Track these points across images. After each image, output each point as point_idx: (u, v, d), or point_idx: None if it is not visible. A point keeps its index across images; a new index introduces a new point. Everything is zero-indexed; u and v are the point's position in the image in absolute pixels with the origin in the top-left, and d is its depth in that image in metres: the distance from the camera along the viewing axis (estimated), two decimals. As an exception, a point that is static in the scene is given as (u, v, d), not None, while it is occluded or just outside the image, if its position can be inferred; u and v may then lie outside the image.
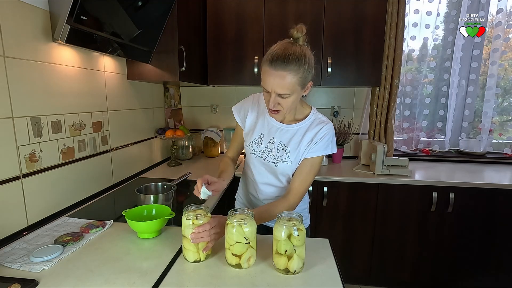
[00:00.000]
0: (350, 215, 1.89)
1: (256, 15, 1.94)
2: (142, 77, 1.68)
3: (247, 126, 1.13)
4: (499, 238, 1.80)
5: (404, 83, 2.23)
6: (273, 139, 1.06)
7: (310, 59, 0.91)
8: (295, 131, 1.04)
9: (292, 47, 0.89)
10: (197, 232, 0.81)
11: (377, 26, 1.90)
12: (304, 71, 0.89)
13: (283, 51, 0.88)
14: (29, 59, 1.04)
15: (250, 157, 1.13)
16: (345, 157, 2.29)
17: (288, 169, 1.05)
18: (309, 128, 1.03)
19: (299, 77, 0.88)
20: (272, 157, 1.06)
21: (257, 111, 1.11)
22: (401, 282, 1.97)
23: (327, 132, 1.01)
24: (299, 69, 0.87)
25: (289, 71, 0.87)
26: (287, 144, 1.04)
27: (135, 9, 1.34)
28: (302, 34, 0.91)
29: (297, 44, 0.91)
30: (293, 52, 0.88)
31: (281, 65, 0.87)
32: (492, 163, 2.19)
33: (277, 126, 1.06)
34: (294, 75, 0.87)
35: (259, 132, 1.09)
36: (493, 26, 2.10)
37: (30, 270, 0.79)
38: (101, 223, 1.08)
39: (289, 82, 0.88)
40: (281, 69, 0.87)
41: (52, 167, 1.17)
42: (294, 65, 0.87)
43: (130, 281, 0.76)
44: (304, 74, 0.89)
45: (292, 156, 1.03)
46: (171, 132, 1.99)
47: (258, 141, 1.09)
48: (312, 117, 1.05)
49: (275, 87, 0.89)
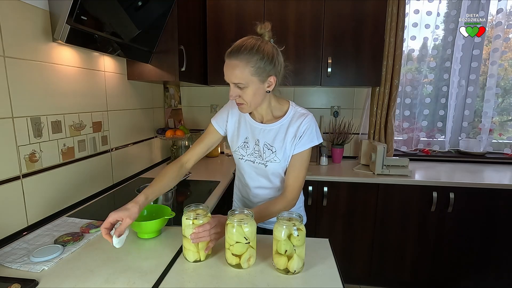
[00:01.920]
0: (350, 215, 1.89)
1: (256, 15, 1.94)
2: (142, 77, 1.68)
3: (230, 130, 1.12)
4: (499, 238, 1.80)
5: (404, 83, 2.23)
6: (257, 140, 1.06)
7: (266, 51, 0.91)
8: (277, 129, 1.04)
9: (248, 40, 0.91)
10: (197, 232, 0.81)
11: (377, 26, 1.90)
12: (256, 61, 0.89)
13: (239, 43, 0.91)
14: (29, 59, 1.04)
15: (239, 162, 1.13)
16: (345, 157, 2.29)
17: (278, 168, 1.05)
18: (290, 123, 1.03)
19: (251, 66, 0.89)
20: (260, 159, 1.06)
21: (237, 115, 1.11)
22: (401, 282, 1.97)
23: (309, 124, 1.01)
24: (250, 58, 0.89)
25: (240, 60, 0.89)
26: (272, 144, 1.04)
27: (135, 9, 1.34)
28: (265, 30, 0.94)
29: (257, 38, 0.92)
30: (247, 43, 0.90)
31: (233, 54, 0.90)
32: (492, 163, 2.19)
33: (259, 127, 1.06)
34: (245, 64, 0.89)
35: (244, 136, 1.09)
36: (493, 26, 2.10)
37: (30, 270, 0.79)
38: (101, 223, 1.07)
39: (240, 71, 0.89)
40: (234, 58, 0.90)
41: (52, 167, 1.17)
42: (245, 54, 0.89)
43: (130, 281, 0.76)
44: (257, 64, 0.89)
45: (279, 154, 1.03)
46: (171, 132, 1.99)
47: (244, 145, 1.08)
48: (292, 111, 1.05)
49: (229, 76, 0.92)
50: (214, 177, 1.75)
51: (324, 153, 2.11)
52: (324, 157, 2.11)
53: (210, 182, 1.66)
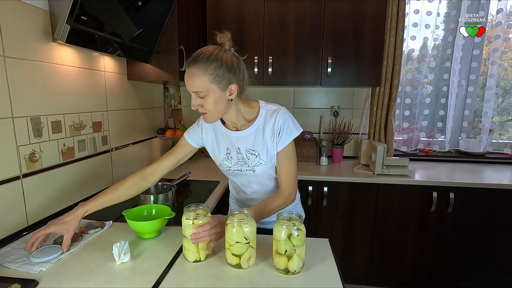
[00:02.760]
0: (350, 215, 1.89)
1: (256, 15, 1.94)
2: (142, 77, 1.69)
3: (209, 145, 1.10)
4: (499, 238, 1.80)
5: (404, 83, 2.23)
6: (238, 149, 1.05)
7: (224, 59, 0.90)
8: (254, 133, 1.02)
9: (207, 48, 0.91)
10: (197, 233, 0.81)
11: (377, 26, 1.90)
12: (214, 68, 0.88)
13: (197, 52, 0.91)
14: (29, 59, 1.04)
15: (227, 174, 1.12)
16: (345, 157, 2.29)
17: (267, 169, 1.05)
18: (265, 123, 1.02)
19: (209, 74, 0.88)
20: (246, 166, 1.05)
21: (212, 128, 1.09)
22: (401, 282, 1.97)
23: (284, 118, 1.00)
24: (208, 66, 0.88)
25: (198, 68, 0.88)
26: (253, 148, 1.03)
27: (135, 9, 1.34)
28: (225, 39, 0.93)
29: (215, 47, 0.92)
30: (205, 51, 0.90)
31: (192, 63, 0.89)
32: (492, 163, 2.19)
33: (236, 135, 1.04)
34: (203, 72, 0.88)
35: (225, 147, 1.07)
36: (493, 26, 2.10)
37: (30, 271, 0.79)
38: (101, 224, 1.08)
39: (198, 79, 0.88)
40: (192, 67, 0.89)
41: (52, 167, 1.17)
42: (203, 62, 0.88)
43: (130, 281, 0.76)
44: (215, 72, 0.88)
45: (263, 156, 1.02)
46: (171, 132, 1.99)
47: (227, 156, 1.07)
48: (263, 112, 1.03)
49: (188, 85, 0.91)
50: (214, 177, 1.75)
51: (324, 153, 2.11)
52: (324, 157, 2.11)
53: (210, 182, 1.66)
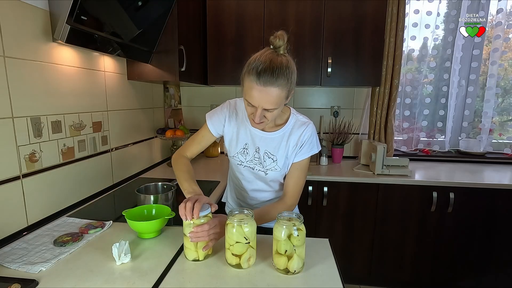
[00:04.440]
0: (350, 215, 1.89)
1: (256, 15, 1.94)
2: (142, 77, 1.68)
3: (228, 136, 1.07)
4: (499, 238, 1.80)
5: (404, 83, 2.23)
6: (258, 148, 1.03)
7: (295, 69, 0.87)
8: (278, 138, 1.02)
9: (278, 59, 0.83)
10: (196, 232, 0.81)
11: (377, 26, 1.90)
12: (291, 83, 0.85)
13: (270, 64, 0.81)
14: (29, 59, 1.04)
15: (237, 168, 1.10)
16: (345, 157, 2.29)
17: (278, 176, 1.05)
18: (292, 131, 1.01)
19: (287, 90, 0.85)
20: (260, 166, 1.04)
21: (236, 119, 1.06)
22: (401, 282, 1.97)
23: (310, 133, 1.00)
24: (287, 83, 0.84)
25: (278, 86, 0.82)
26: (273, 153, 1.02)
27: (135, 9, 1.34)
28: (284, 42, 0.85)
29: (281, 55, 0.85)
30: (280, 64, 0.82)
31: (270, 80, 0.81)
32: (492, 163, 2.19)
33: (260, 135, 1.03)
34: (282, 90, 0.83)
35: (243, 142, 1.05)
36: (493, 26, 2.10)
37: (30, 271, 0.79)
38: (101, 224, 1.08)
39: (277, 97, 0.84)
40: (270, 85, 0.81)
41: (52, 167, 1.17)
42: (283, 79, 0.82)
43: (130, 281, 0.76)
44: (291, 87, 0.86)
45: (280, 163, 1.02)
46: (171, 132, 1.99)
47: (243, 151, 1.05)
48: (293, 119, 1.02)
49: (263, 103, 0.84)
50: (214, 177, 1.75)
51: (324, 153, 2.11)
52: (324, 157, 2.11)
53: (210, 182, 1.66)
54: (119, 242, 0.84)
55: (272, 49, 0.87)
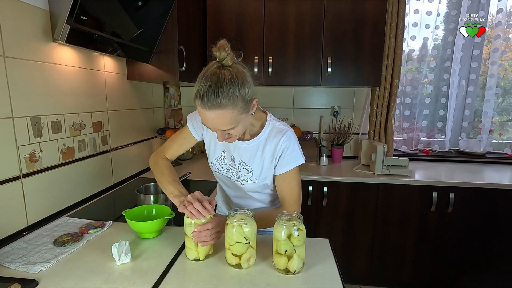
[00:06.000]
0: (350, 215, 1.89)
1: (256, 15, 1.94)
2: (142, 77, 1.68)
3: (207, 141, 1.04)
4: (499, 238, 1.80)
5: (404, 83, 2.23)
6: (233, 157, 0.98)
7: (244, 79, 0.78)
8: (253, 148, 0.95)
9: (221, 76, 0.75)
10: (198, 232, 0.81)
11: (377, 26, 1.90)
12: (242, 98, 0.76)
13: (211, 86, 0.74)
14: (29, 59, 1.04)
15: (216, 175, 1.08)
16: (345, 157, 2.29)
17: (255, 187, 0.99)
18: (267, 141, 0.94)
19: (239, 107, 0.77)
20: (236, 177, 0.99)
21: None
22: (401, 282, 1.97)
23: (288, 143, 0.92)
24: (236, 100, 0.75)
25: (225, 107, 0.75)
26: (248, 163, 0.96)
27: (135, 9, 1.34)
28: (227, 52, 0.76)
29: (226, 68, 0.77)
30: (223, 83, 0.74)
31: (214, 102, 0.74)
32: (492, 163, 2.19)
33: (234, 144, 0.96)
34: (233, 108, 0.76)
35: (221, 150, 1.01)
36: (493, 26, 2.09)
37: (30, 270, 0.79)
38: (101, 224, 1.08)
39: (229, 117, 0.77)
40: (216, 108, 0.74)
41: (52, 167, 1.17)
42: (228, 99, 0.74)
43: (130, 281, 0.76)
44: (243, 102, 0.77)
45: (255, 173, 0.96)
46: (171, 132, 1.99)
47: (221, 159, 1.01)
48: (269, 126, 0.95)
49: (217, 126, 0.79)
50: (213, 177, 1.74)
51: (324, 153, 2.11)
52: (324, 157, 2.11)
53: (210, 182, 1.66)
54: (119, 242, 0.84)
55: (217, 62, 0.78)
